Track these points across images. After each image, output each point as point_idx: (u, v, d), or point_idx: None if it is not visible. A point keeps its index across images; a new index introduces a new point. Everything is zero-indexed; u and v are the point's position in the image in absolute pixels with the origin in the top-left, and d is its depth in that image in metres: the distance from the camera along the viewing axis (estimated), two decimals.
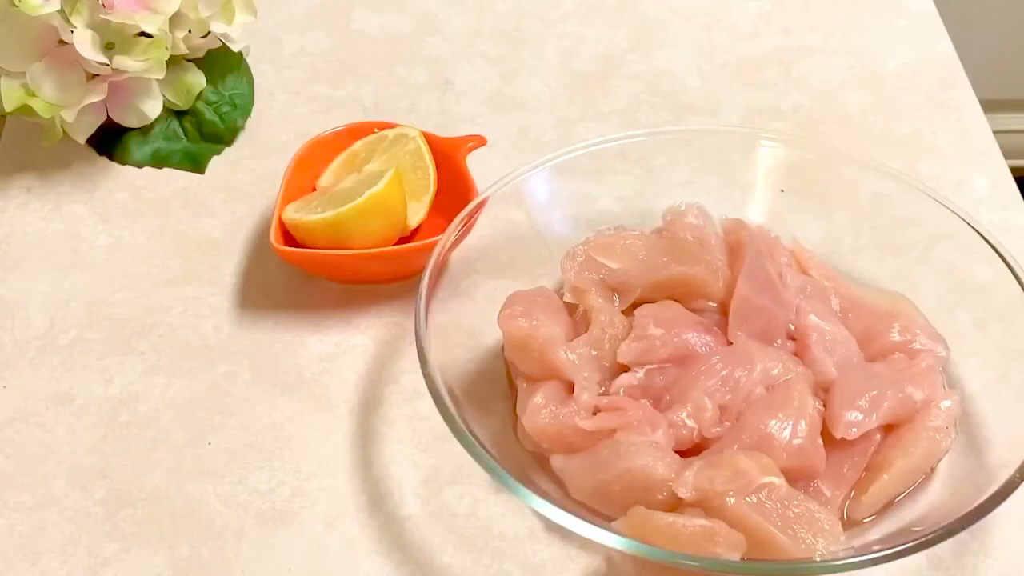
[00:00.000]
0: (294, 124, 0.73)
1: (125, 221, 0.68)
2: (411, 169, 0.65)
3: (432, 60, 0.79)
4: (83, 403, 0.59)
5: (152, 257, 0.66)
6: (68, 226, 0.67)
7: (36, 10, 0.63)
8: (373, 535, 0.54)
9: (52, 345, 0.61)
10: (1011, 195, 0.70)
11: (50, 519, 0.54)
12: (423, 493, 0.55)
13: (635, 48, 0.80)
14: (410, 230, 0.64)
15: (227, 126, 0.72)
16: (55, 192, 0.69)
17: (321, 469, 0.56)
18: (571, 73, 0.78)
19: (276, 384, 0.60)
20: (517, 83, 0.77)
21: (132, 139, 0.71)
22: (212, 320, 0.62)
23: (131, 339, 0.61)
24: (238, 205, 0.68)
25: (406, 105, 0.75)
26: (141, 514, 0.54)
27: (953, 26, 0.83)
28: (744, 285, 0.57)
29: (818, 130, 0.74)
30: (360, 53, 0.79)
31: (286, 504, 0.55)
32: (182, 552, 0.53)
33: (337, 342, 0.61)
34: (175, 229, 0.67)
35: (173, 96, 0.71)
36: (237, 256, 0.66)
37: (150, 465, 0.56)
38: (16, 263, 0.65)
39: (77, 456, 0.56)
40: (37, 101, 0.65)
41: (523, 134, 0.73)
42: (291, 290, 0.64)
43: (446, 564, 0.53)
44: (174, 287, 0.64)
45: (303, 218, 0.62)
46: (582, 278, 0.58)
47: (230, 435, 0.57)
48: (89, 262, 0.65)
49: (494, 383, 0.58)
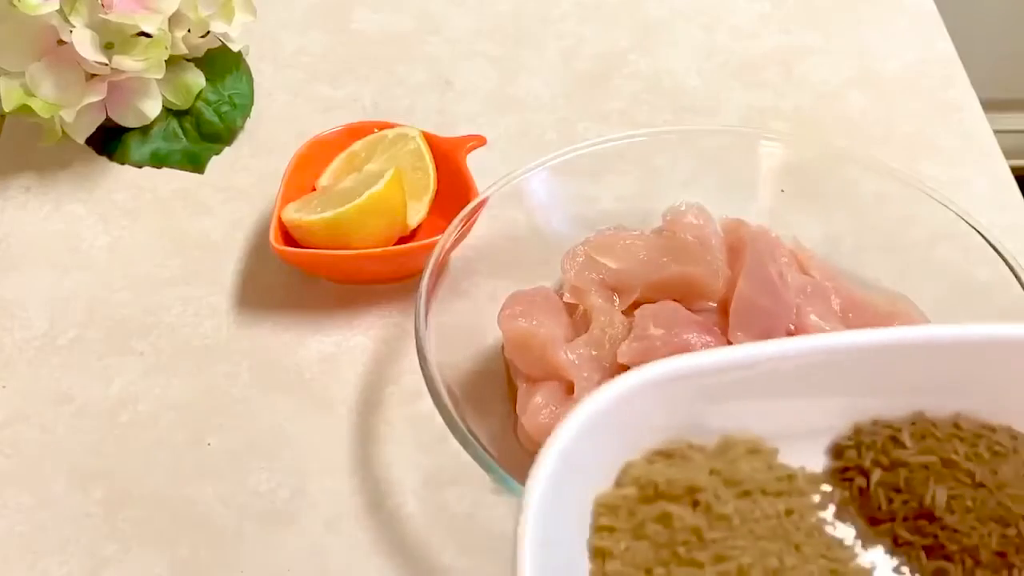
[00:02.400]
0: (294, 124, 0.73)
1: (124, 221, 0.68)
2: (411, 169, 0.65)
3: (432, 60, 0.79)
4: (82, 403, 0.59)
5: (151, 257, 0.66)
6: (67, 226, 0.67)
7: (35, 10, 0.62)
8: (373, 536, 0.53)
9: (51, 345, 0.61)
10: (1012, 195, 0.70)
11: (49, 519, 0.54)
12: (423, 493, 0.55)
13: (635, 48, 0.80)
14: (410, 230, 0.64)
15: (226, 126, 0.72)
16: (54, 192, 0.69)
17: (321, 469, 0.56)
18: (571, 73, 0.78)
19: (276, 384, 0.59)
20: (517, 83, 0.77)
21: (131, 139, 0.70)
22: (212, 320, 0.62)
23: (130, 339, 0.61)
24: (238, 205, 0.68)
25: (406, 105, 0.75)
26: (141, 515, 0.54)
27: (954, 26, 0.83)
28: (744, 285, 0.57)
29: (818, 130, 0.74)
30: (360, 53, 0.79)
31: (286, 505, 0.55)
32: (182, 553, 0.53)
33: (337, 342, 0.61)
34: (174, 229, 0.67)
35: (172, 96, 0.70)
36: (236, 256, 0.66)
37: (150, 465, 0.56)
38: (15, 263, 0.65)
39: (76, 456, 0.56)
40: (36, 101, 0.65)
41: (523, 134, 0.73)
42: (291, 290, 0.64)
43: (446, 565, 0.53)
44: (173, 287, 0.64)
45: (303, 218, 0.61)
46: (582, 278, 0.58)
47: (230, 435, 0.57)
48: (88, 262, 0.65)
49: (494, 383, 0.57)
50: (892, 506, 0.48)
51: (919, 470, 0.48)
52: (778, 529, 0.47)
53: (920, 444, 0.49)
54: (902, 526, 0.48)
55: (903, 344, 0.50)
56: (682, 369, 0.49)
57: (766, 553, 0.46)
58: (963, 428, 0.50)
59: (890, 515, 0.48)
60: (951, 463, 0.48)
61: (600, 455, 0.48)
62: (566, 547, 0.46)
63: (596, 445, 0.47)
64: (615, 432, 0.48)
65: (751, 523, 0.47)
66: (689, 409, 0.49)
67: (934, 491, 0.48)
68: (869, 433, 0.50)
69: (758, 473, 0.49)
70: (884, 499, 0.48)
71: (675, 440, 0.50)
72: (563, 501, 0.45)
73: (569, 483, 0.45)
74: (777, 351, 0.50)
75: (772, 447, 0.50)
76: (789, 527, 0.47)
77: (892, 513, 0.48)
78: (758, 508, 0.48)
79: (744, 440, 0.49)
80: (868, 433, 0.50)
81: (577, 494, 0.47)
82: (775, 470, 0.49)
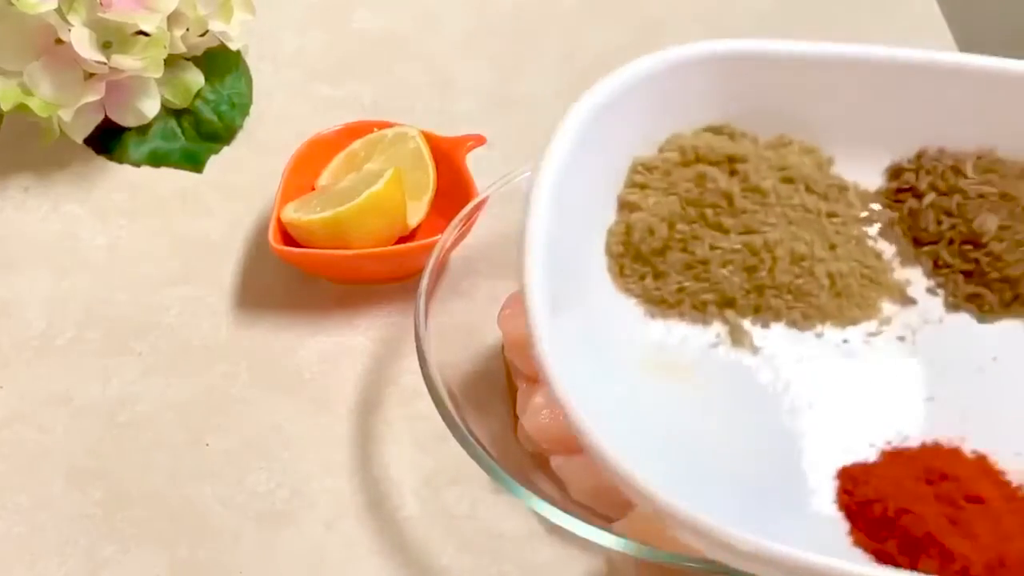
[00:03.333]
0: (293, 123, 0.73)
1: (123, 221, 0.67)
2: (410, 168, 0.65)
3: (432, 59, 0.78)
4: (81, 404, 0.58)
5: (150, 257, 0.65)
6: (66, 226, 0.67)
7: (33, 8, 0.62)
8: (372, 536, 0.53)
9: (50, 345, 0.61)
10: None
11: (48, 520, 0.54)
12: (423, 494, 0.55)
13: (635, 47, 0.79)
14: (410, 230, 0.64)
15: (225, 125, 0.72)
16: (52, 192, 0.69)
17: (320, 470, 0.56)
18: (571, 72, 0.78)
19: (275, 384, 0.59)
20: (517, 82, 0.77)
21: (130, 138, 0.70)
22: (211, 320, 0.62)
23: (129, 339, 0.61)
24: (236, 205, 0.68)
25: (406, 104, 0.75)
26: (139, 515, 0.54)
27: (955, 26, 0.82)
28: None
29: None
30: (359, 52, 0.79)
31: (285, 505, 0.54)
32: (180, 553, 0.53)
33: (336, 342, 0.61)
34: (173, 229, 0.67)
35: (171, 95, 0.70)
36: (235, 256, 0.65)
37: (148, 466, 0.56)
38: (13, 263, 0.65)
39: (75, 457, 0.56)
40: (34, 100, 0.65)
41: (523, 134, 0.73)
42: (290, 290, 0.63)
43: (446, 565, 0.52)
44: (172, 287, 0.64)
45: (302, 218, 0.61)
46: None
47: (229, 436, 0.57)
48: (87, 262, 0.65)
49: (494, 383, 0.57)
50: (940, 227, 0.47)
51: (975, 199, 0.47)
52: (815, 223, 0.46)
53: (982, 176, 0.48)
54: (946, 248, 0.47)
55: (983, 71, 0.48)
56: (747, 50, 0.47)
57: (796, 237, 0.45)
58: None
59: (936, 236, 0.47)
60: (1009, 197, 0.47)
61: (645, 120, 0.46)
62: (589, 199, 0.44)
63: (641, 108, 0.46)
64: (664, 100, 0.46)
65: (788, 207, 0.46)
66: (750, 96, 0.48)
67: (985, 218, 0.46)
68: (932, 159, 0.49)
69: (807, 169, 0.47)
70: (933, 220, 0.47)
71: (730, 122, 0.49)
72: (592, 156, 0.43)
73: (602, 140, 0.44)
74: (853, 54, 0.47)
75: (828, 155, 0.49)
76: (827, 226, 0.46)
77: (939, 235, 0.47)
78: (799, 196, 0.46)
79: (801, 141, 0.48)
80: (931, 159, 0.49)
81: (613, 152, 0.45)
82: (827, 177, 0.48)
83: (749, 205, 0.45)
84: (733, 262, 0.44)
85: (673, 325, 0.44)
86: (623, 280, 0.45)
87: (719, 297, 0.44)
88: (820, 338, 0.44)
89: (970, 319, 0.46)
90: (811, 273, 0.45)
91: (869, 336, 0.45)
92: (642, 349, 0.43)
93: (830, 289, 0.45)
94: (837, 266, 0.45)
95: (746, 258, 0.44)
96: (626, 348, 0.43)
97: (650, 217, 0.45)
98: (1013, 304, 0.46)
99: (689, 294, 0.44)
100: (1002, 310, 0.46)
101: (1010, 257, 0.46)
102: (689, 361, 0.43)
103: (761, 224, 0.45)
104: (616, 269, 0.45)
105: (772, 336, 0.44)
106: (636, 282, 0.45)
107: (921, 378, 0.44)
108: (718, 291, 0.44)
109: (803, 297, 0.44)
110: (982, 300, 0.46)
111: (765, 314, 0.44)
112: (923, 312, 0.46)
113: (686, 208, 0.45)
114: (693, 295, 0.44)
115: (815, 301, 0.44)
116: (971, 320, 0.46)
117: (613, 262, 0.45)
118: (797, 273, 0.44)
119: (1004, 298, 0.46)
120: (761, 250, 0.44)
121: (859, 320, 0.45)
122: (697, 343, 0.44)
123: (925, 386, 0.43)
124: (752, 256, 0.44)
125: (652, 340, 0.43)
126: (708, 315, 0.44)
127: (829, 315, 0.44)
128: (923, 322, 0.45)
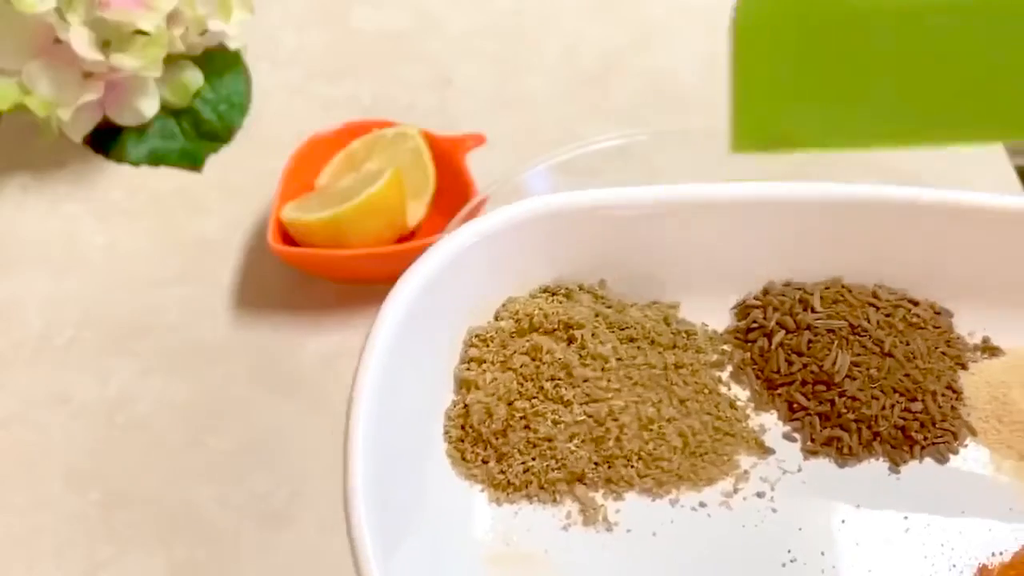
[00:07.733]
0: (292, 122, 0.73)
1: (122, 220, 0.67)
2: (410, 168, 0.65)
3: (432, 58, 0.78)
4: (79, 404, 0.58)
5: (149, 257, 0.65)
6: (64, 225, 0.67)
7: (32, 8, 0.62)
8: None
9: (48, 346, 0.61)
10: (1016, 194, 0.69)
11: (45, 521, 0.54)
12: None
13: (636, 47, 0.80)
14: (409, 229, 0.64)
15: (224, 124, 0.72)
16: (51, 191, 0.69)
17: (319, 470, 0.55)
18: (571, 72, 0.78)
19: (274, 385, 0.59)
20: (517, 81, 0.77)
21: (129, 138, 0.70)
22: (209, 320, 0.62)
23: (127, 340, 0.61)
24: (236, 204, 0.68)
25: (405, 103, 0.75)
26: (137, 516, 0.54)
27: None
28: None
29: None
30: (359, 51, 0.79)
31: (284, 506, 0.54)
32: (179, 555, 0.52)
33: (336, 342, 0.61)
34: (172, 228, 0.67)
35: (170, 94, 0.70)
36: (235, 256, 0.65)
37: (147, 467, 0.56)
38: (11, 263, 0.65)
39: (73, 458, 0.56)
40: (33, 99, 0.65)
41: (523, 133, 0.73)
42: (289, 290, 0.63)
43: None
44: (171, 287, 0.64)
45: (301, 217, 0.61)
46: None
47: (227, 437, 0.57)
48: (85, 262, 0.65)
49: None
50: (791, 368, 0.46)
51: (825, 335, 0.46)
52: (661, 380, 0.45)
53: (830, 309, 0.47)
54: (799, 390, 0.46)
55: (825, 201, 0.47)
56: (577, 204, 0.46)
57: (643, 400, 0.44)
58: (881, 298, 0.48)
59: (789, 379, 0.46)
60: (860, 330, 0.46)
61: (477, 289, 0.45)
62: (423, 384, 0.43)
63: (472, 278, 0.44)
64: (496, 265, 0.45)
65: (632, 367, 0.44)
66: (586, 251, 0.47)
67: (836, 356, 0.46)
68: (779, 295, 0.48)
69: (651, 323, 0.46)
70: (784, 361, 0.46)
71: (566, 280, 0.48)
72: (422, 335, 0.42)
73: (432, 316, 0.43)
74: (692, 195, 0.46)
75: (674, 300, 0.48)
76: (675, 380, 0.45)
77: (791, 377, 0.46)
78: (642, 356, 0.45)
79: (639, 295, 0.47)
80: (778, 294, 0.48)
81: (447, 326, 0.44)
82: (672, 323, 0.47)
83: (590, 373, 0.44)
84: (579, 435, 0.43)
85: (521, 508, 0.43)
86: (465, 466, 0.44)
87: (567, 474, 0.43)
88: (675, 505, 0.43)
89: (830, 464, 0.45)
90: (661, 436, 0.44)
91: (725, 497, 0.44)
92: (487, 545, 0.42)
93: (683, 450, 0.44)
94: (689, 423, 0.44)
95: (592, 428, 0.43)
96: (471, 547, 0.42)
97: (487, 397, 0.44)
98: (872, 444, 0.45)
99: (535, 474, 0.43)
100: (862, 451, 0.45)
101: (864, 396, 0.45)
102: (538, 549, 0.42)
103: (604, 391, 0.44)
104: (456, 455, 0.44)
105: (626, 508, 0.43)
106: (479, 467, 0.44)
107: (780, 539, 0.42)
108: (565, 468, 0.43)
109: (655, 463, 0.43)
110: (841, 442, 0.45)
111: (618, 485, 0.43)
112: (781, 462, 0.45)
113: (524, 383, 0.44)
114: (540, 475, 0.43)
115: (667, 466, 0.43)
116: (831, 465, 0.45)
117: (453, 448, 0.44)
118: (647, 438, 0.43)
119: (863, 438, 0.45)
120: (606, 419, 0.43)
121: (716, 479, 0.44)
122: (548, 526, 0.42)
123: (784, 548, 0.42)
124: (598, 426, 0.43)
125: (498, 531, 0.42)
126: (557, 493, 0.43)
127: (684, 478, 0.44)
128: (782, 472, 0.45)
